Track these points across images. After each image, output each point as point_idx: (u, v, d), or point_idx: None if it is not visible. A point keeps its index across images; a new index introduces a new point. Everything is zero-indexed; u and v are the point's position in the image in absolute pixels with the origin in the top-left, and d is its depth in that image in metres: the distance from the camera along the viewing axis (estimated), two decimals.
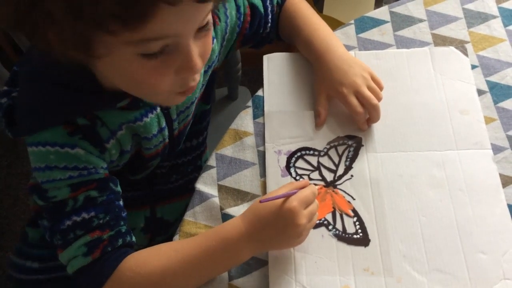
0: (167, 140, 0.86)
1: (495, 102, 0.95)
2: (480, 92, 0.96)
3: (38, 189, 0.76)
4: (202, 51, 0.70)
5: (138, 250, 0.78)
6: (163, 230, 1.03)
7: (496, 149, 0.90)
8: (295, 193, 0.77)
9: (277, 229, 0.76)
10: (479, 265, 0.80)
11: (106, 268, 0.75)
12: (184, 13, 0.62)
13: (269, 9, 0.97)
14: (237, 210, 0.86)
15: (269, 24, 0.98)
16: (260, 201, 0.76)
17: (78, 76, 0.71)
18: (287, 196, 0.76)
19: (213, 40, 0.86)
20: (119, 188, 0.80)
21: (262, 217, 0.76)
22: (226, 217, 0.86)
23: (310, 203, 0.78)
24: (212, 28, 0.71)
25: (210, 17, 0.69)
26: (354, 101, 0.89)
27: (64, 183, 0.75)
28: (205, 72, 0.88)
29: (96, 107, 0.74)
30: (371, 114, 0.90)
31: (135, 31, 0.60)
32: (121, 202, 0.79)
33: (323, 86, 0.93)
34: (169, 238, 1.01)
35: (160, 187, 0.99)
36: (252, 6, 0.95)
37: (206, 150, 1.07)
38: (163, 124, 0.83)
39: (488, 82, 0.98)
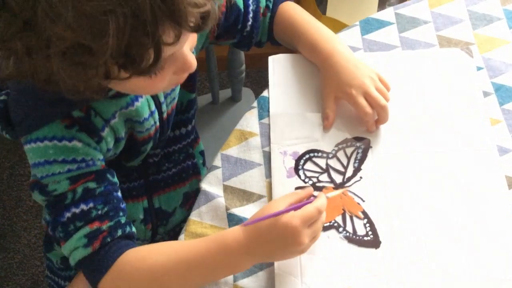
0: (157, 124, 0.88)
1: (501, 104, 0.95)
2: (486, 94, 0.96)
3: (38, 185, 0.78)
4: (192, 44, 0.73)
5: (142, 244, 0.79)
6: (163, 221, 1.04)
7: (502, 151, 0.90)
8: (283, 212, 0.74)
9: (278, 246, 0.75)
10: (484, 267, 0.80)
11: (106, 260, 0.76)
12: (181, 40, 0.66)
13: (251, 7, 0.97)
14: (243, 211, 0.86)
15: (250, 23, 0.97)
16: (244, 225, 0.76)
17: None
18: (275, 216, 0.74)
19: None
20: (116, 180, 0.81)
21: (263, 232, 0.75)
22: (231, 217, 0.86)
23: (314, 221, 0.76)
24: None
25: None
26: (363, 102, 0.89)
27: (63, 176, 0.76)
28: None
29: (91, 98, 0.75)
30: (380, 115, 0.90)
31: None
32: (119, 193, 0.81)
33: (331, 88, 0.93)
34: (171, 231, 1.05)
35: (154, 177, 1.00)
36: (230, 1, 0.95)
37: (199, 141, 1.09)
38: (153, 107, 0.85)
39: (493, 84, 0.98)
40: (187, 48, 0.71)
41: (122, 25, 0.59)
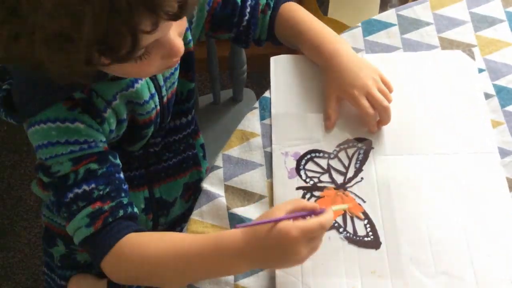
0: (158, 107, 0.89)
1: (502, 106, 0.95)
2: (487, 96, 0.96)
3: (42, 166, 0.80)
4: (181, 29, 0.74)
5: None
6: (164, 211, 1.05)
7: (503, 153, 0.90)
8: (283, 219, 0.72)
9: (275, 254, 0.74)
10: (485, 268, 0.80)
11: (108, 240, 0.78)
12: (162, 28, 0.66)
13: (248, 2, 0.97)
14: (244, 211, 0.86)
15: (247, 18, 0.98)
16: (236, 226, 0.75)
17: None
18: (270, 222, 0.72)
19: None
20: (118, 161, 0.83)
21: (262, 239, 0.73)
22: (233, 216, 0.86)
23: (315, 236, 0.74)
24: None
25: None
26: (365, 103, 0.89)
27: (66, 158, 0.78)
28: None
29: (81, 83, 0.76)
30: (382, 116, 0.90)
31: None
32: (121, 175, 0.82)
33: (333, 88, 0.93)
34: (171, 222, 1.07)
35: (155, 167, 1.01)
36: None
37: (200, 134, 1.09)
38: (153, 90, 0.87)
39: (495, 86, 0.98)
40: (174, 33, 0.72)
41: (98, 14, 0.60)
